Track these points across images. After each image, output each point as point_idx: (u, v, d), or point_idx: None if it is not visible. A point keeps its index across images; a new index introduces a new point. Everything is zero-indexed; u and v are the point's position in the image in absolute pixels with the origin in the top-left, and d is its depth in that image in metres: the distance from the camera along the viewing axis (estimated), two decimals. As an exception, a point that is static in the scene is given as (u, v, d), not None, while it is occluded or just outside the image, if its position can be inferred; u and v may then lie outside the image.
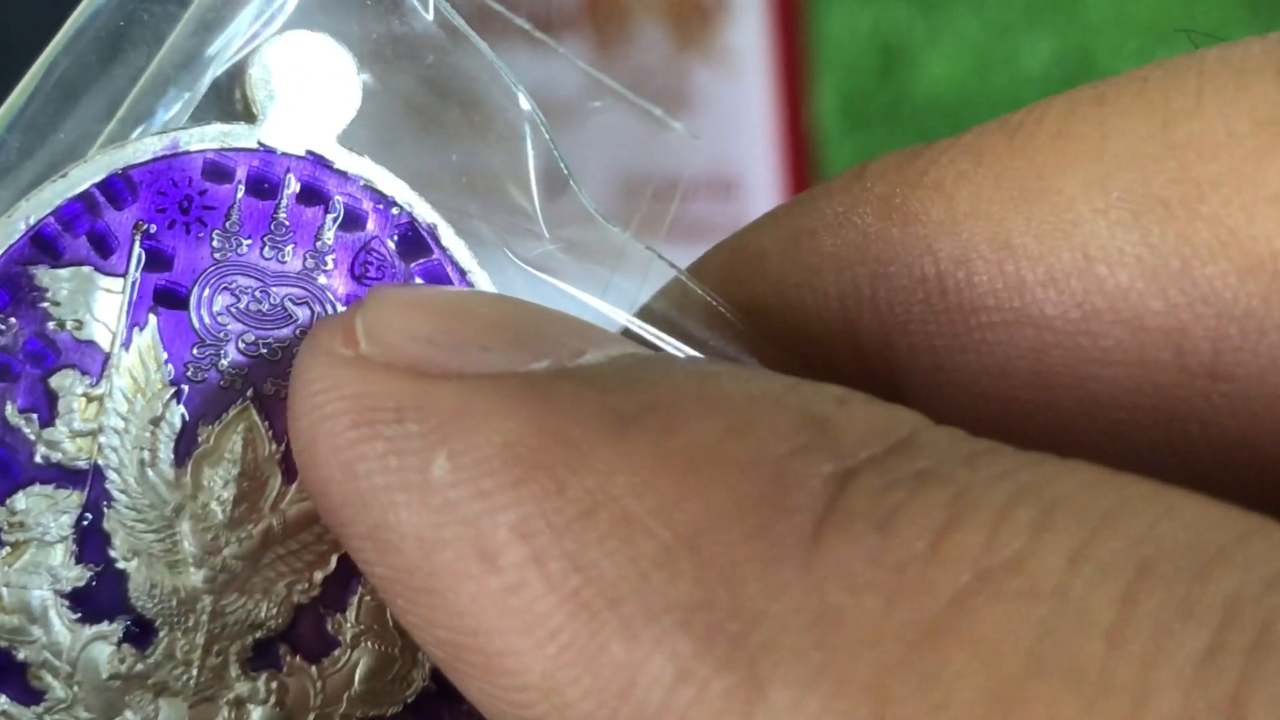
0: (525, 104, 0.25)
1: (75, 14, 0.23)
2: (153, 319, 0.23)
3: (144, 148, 0.23)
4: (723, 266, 0.26)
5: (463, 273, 0.24)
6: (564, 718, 0.18)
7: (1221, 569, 0.17)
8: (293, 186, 0.23)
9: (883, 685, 0.17)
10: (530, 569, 0.18)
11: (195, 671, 0.23)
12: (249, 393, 0.23)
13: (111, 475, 0.23)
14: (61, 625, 0.22)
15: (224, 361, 0.23)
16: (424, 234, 0.24)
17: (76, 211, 0.23)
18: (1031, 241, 0.23)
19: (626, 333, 0.24)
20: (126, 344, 0.23)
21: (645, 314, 0.24)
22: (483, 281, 0.24)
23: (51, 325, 0.22)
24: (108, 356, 0.23)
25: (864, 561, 0.17)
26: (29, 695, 0.22)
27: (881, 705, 0.17)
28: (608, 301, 0.24)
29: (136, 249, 0.23)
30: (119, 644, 0.22)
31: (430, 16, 0.24)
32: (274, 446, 0.23)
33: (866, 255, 0.24)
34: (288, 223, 0.23)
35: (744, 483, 0.18)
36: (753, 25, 0.66)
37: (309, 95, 0.23)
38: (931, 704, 0.17)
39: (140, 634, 0.23)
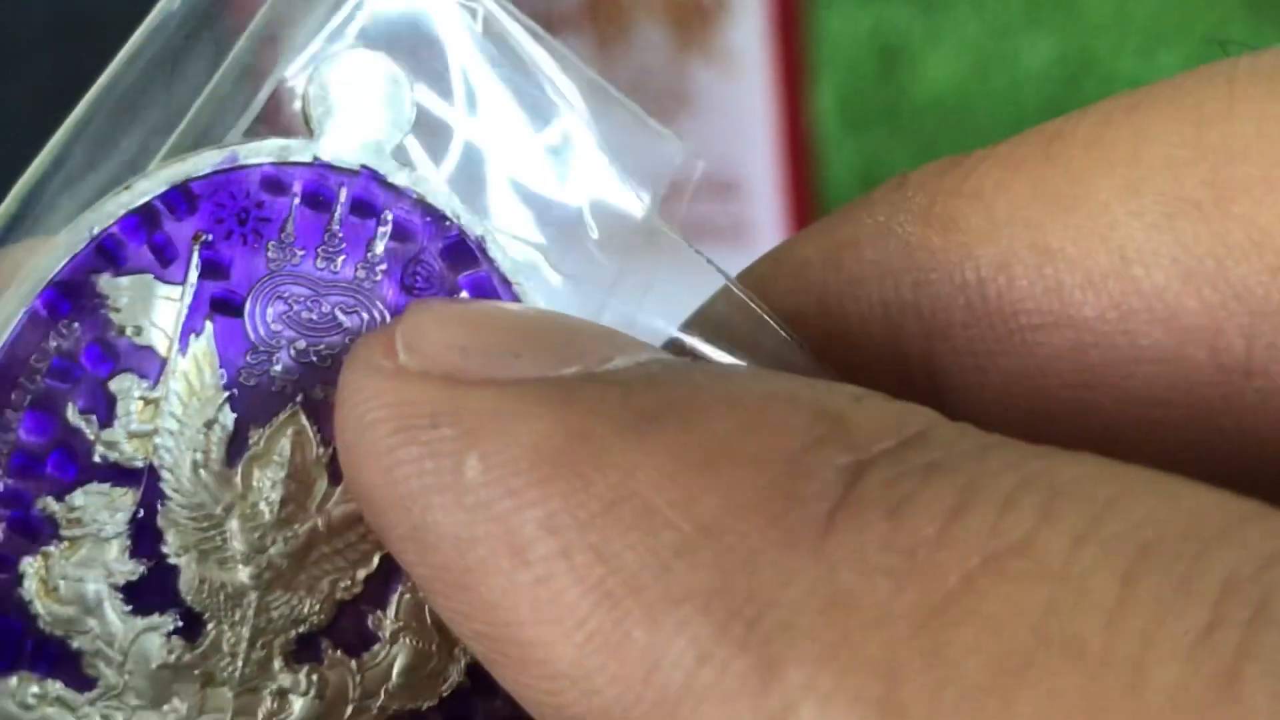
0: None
1: (139, 30, 0.23)
2: (209, 326, 0.23)
3: (204, 161, 0.23)
4: (766, 278, 0.26)
5: (509, 283, 0.24)
6: (592, 704, 0.19)
7: (1220, 549, 0.17)
8: (346, 200, 0.24)
9: (893, 661, 0.17)
10: (558, 562, 0.19)
11: (240, 663, 0.23)
12: (299, 398, 0.24)
13: (165, 475, 0.23)
14: (115, 617, 0.23)
15: (276, 368, 0.24)
16: (472, 246, 0.24)
17: (138, 222, 0.23)
18: (1069, 246, 0.23)
19: (670, 342, 0.24)
20: (183, 350, 0.23)
21: (691, 321, 0.25)
22: (528, 291, 0.24)
23: (112, 332, 0.23)
24: (165, 361, 0.23)
25: (875, 546, 0.18)
26: (83, 682, 0.23)
27: (892, 680, 0.17)
28: (648, 306, 0.24)
29: (195, 258, 0.23)
30: (169, 636, 0.23)
31: (480, 30, 0.25)
32: (321, 450, 0.24)
33: (909, 263, 0.25)
34: (340, 234, 0.24)
35: (760, 475, 0.19)
36: (753, 25, 0.66)
37: (365, 111, 0.24)
38: (940, 678, 0.17)
39: (189, 626, 0.23)
